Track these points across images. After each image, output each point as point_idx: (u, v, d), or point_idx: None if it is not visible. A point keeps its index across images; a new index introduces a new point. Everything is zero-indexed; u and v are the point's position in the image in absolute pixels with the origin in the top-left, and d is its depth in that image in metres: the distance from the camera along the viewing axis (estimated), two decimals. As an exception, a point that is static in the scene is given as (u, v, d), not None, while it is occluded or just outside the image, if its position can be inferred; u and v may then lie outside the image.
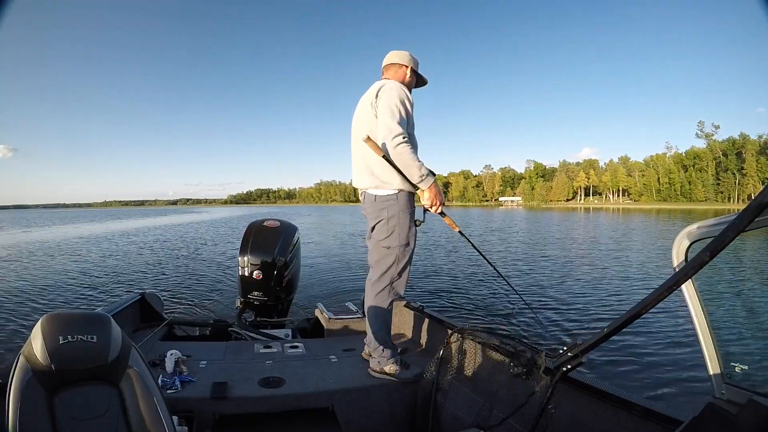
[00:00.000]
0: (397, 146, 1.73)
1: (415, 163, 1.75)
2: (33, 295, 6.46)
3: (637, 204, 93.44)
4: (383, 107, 1.80)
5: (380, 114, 1.81)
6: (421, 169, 1.77)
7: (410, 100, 1.87)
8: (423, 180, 1.79)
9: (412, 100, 1.88)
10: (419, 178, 1.78)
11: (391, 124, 1.75)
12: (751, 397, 0.86)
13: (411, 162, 1.75)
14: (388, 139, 1.74)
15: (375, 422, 1.85)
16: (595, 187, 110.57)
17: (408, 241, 1.92)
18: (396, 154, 1.74)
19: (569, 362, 1.20)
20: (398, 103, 1.79)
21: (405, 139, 1.74)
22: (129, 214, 67.06)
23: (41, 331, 0.96)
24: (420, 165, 1.77)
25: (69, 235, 21.33)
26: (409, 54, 2.02)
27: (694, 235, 0.96)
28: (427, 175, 1.79)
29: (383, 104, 1.80)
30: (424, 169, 1.78)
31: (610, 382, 1.35)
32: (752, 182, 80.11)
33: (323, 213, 56.50)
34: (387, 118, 1.77)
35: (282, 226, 3.26)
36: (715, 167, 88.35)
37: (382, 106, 1.80)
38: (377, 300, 1.97)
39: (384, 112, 1.79)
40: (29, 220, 49.21)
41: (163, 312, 2.99)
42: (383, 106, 1.80)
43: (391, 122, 1.75)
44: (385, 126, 1.77)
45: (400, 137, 1.73)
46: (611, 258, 10.77)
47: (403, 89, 1.85)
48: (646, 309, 0.90)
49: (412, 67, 2.00)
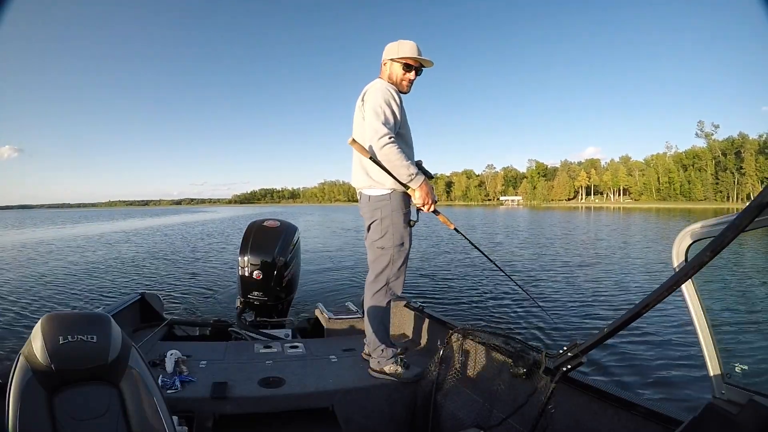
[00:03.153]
0: (383, 147, 1.73)
1: (402, 163, 1.74)
2: (33, 295, 6.47)
3: (637, 203, 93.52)
4: (368, 109, 1.80)
5: (366, 116, 1.82)
6: (409, 169, 1.75)
7: (396, 100, 1.84)
8: (412, 179, 1.78)
9: (398, 100, 1.86)
10: (408, 177, 1.77)
11: (376, 125, 1.75)
12: (751, 397, 0.85)
13: (398, 162, 1.74)
14: (374, 140, 1.74)
15: (375, 422, 1.85)
16: (596, 186, 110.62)
17: (402, 241, 1.92)
18: (383, 154, 1.74)
19: (569, 362, 1.20)
20: (382, 103, 1.78)
21: (391, 140, 1.73)
22: (132, 214, 67.14)
23: (41, 331, 0.97)
24: (408, 165, 1.75)
25: (69, 234, 21.36)
26: (388, 46, 1.95)
27: (695, 234, 0.96)
28: (416, 175, 1.77)
29: (368, 106, 1.81)
30: (412, 168, 1.76)
31: (610, 382, 1.35)
32: (751, 181, 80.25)
33: (326, 213, 56.52)
34: (372, 119, 1.77)
35: (282, 226, 3.25)
36: (715, 167, 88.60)
37: (368, 108, 1.81)
38: (374, 300, 1.97)
39: (369, 113, 1.79)
40: (33, 218, 49.26)
41: (163, 312, 2.99)
42: (368, 108, 1.81)
43: (376, 123, 1.75)
44: (370, 127, 1.77)
45: (386, 138, 1.72)
46: (610, 258, 10.75)
47: (388, 89, 1.83)
48: (646, 309, 0.89)
49: (390, 59, 1.92)
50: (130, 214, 73.17)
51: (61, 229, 27.77)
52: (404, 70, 1.93)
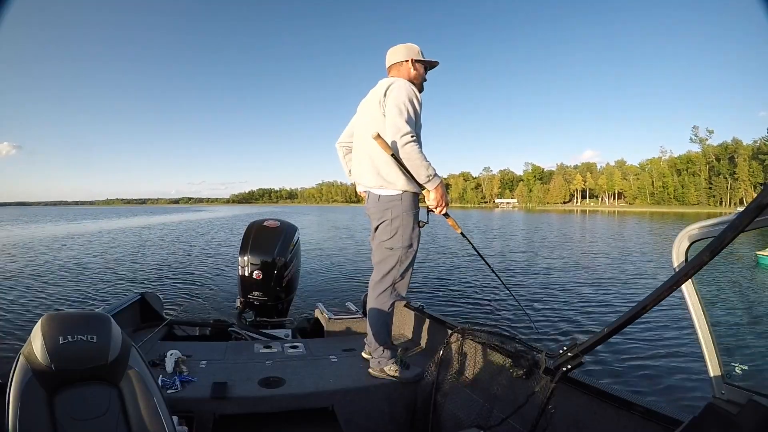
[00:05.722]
0: (406, 145, 1.71)
1: (423, 163, 1.74)
2: (33, 295, 6.43)
3: (632, 207, 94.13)
4: (391, 105, 1.77)
5: (388, 112, 1.78)
6: (428, 169, 1.75)
7: (419, 99, 1.84)
8: (430, 180, 1.77)
9: (420, 99, 1.86)
10: (426, 178, 1.76)
11: (399, 123, 1.72)
12: (751, 397, 0.86)
13: (420, 162, 1.73)
14: (397, 137, 1.72)
15: (375, 422, 1.84)
16: (591, 190, 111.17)
17: (411, 242, 1.91)
18: (405, 153, 1.72)
19: (569, 362, 1.20)
20: (406, 101, 1.76)
21: (413, 138, 1.72)
22: (130, 213, 66.75)
23: (41, 331, 0.96)
24: (428, 165, 1.75)
25: (69, 233, 21.20)
26: (406, 47, 1.97)
27: (694, 235, 0.96)
28: (434, 176, 1.77)
29: (392, 102, 1.77)
30: (431, 169, 1.76)
31: (610, 382, 1.36)
32: (744, 186, 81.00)
33: (324, 213, 56.49)
34: (395, 116, 1.74)
35: (282, 226, 3.25)
36: (708, 171, 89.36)
37: (391, 105, 1.77)
38: (379, 301, 1.96)
39: (392, 110, 1.76)
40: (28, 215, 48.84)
41: (163, 312, 2.97)
42: (391, 105, 1.77)
43: (399, 121, 1.73)
44: (393, 125, 1.74)
45: (408, 136, 1.71)
46: (609, 258, 10.80)
47: (411, 88, 1.82)
48: (646, 309, 0.90)
49: (413, 59, 1.95)
50: (130, 212, 72.78)
51: (59, 227, 27.55)
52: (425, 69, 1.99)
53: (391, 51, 2.00)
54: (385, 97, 1.82)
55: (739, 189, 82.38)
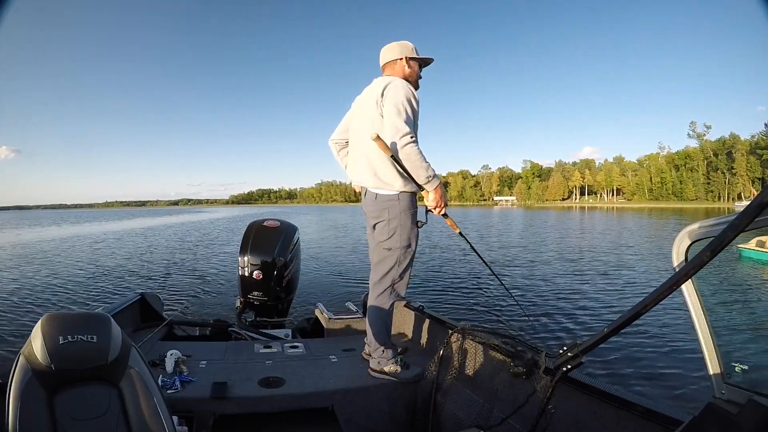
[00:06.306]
0: (406, 146, 1.69)
1: (423, 164, 1.72)
2: (33, 295, 6.44)
3: (630, 203, 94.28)
4: (390, 106, 1.74)
5: (386, 113, 1.76)
6: (428, 171, 1.74)
7: (416, 98, 1.82)
8: (429, 181, 1.76)
9: (417, 98, 1.84)
10: (426, 179, 1.75)
11: (398, 123, 1.70)
12: (751, 397, 0.86)
13: (420, 163, 1.72)
14: (397, 138, 1.70)
15: (375, 422, 1.84)
16: (590, 186, 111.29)
17: (409, 242, 1.90)
18: (404, 154, 1.70)
19: (569, 362, 1.20)
20: (405, 101, 1.74)
21: (413, 139, 1.71)
22: (130, 215, 66.76)
23: (41, 331, 0.96)
24: (427, 166, 1.74)
25: (69, 235, 21.20)
26: (399, 44, 1.95)
27: (694, 234, 0.96)
28: (433, 177, 1.76)
29: (390, 103, 1.74)
30: (431, 170, 1.75)
31: (610, 382, 1.36)
32: (741, 181, 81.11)
33: (323, 212, 56.50)
34: (394, 117, 1.71)
35: (282, 226, 3.25)
36: (706, 167, 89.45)
37: (389, 105, 1.75)
38: (378, 301, 1.96)
39: (391, 111, 1.73)
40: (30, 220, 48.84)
41: (163, 312, 2.97)
42: (390, 105, 1.74)
43: (398, 121, 1.71)
44: (392, 125, 1.71)
45: (408, 137, 1.69)
46: (609, 257, 10.81)
47: (408, 87, 1.80)
48: (646, 309, 0.90)
49: (407, 56, 1.93)
50: (129, 214, 72.77)
51: (59, 229, 27.54)
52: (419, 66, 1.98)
53: (384, 49, 1.98)
54: (383, 97, 1.79)
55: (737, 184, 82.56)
